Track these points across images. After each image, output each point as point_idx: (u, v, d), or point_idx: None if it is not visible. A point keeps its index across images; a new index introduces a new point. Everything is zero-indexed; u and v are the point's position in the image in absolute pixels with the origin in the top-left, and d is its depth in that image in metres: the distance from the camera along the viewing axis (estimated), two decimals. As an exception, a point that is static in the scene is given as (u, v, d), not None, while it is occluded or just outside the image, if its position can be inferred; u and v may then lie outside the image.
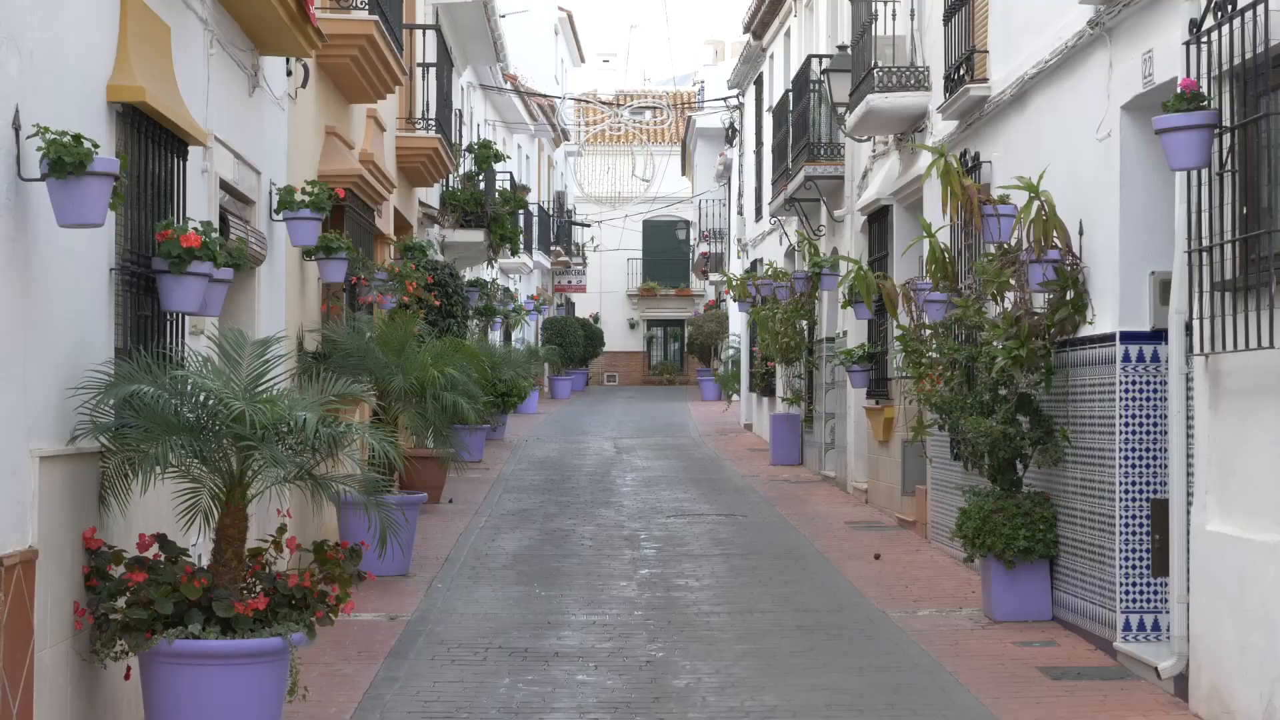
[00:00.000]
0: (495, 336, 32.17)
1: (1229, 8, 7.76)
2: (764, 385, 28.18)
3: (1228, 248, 7.87)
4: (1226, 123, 7.85)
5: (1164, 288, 9.31)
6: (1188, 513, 8.49)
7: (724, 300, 42.23)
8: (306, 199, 11.26)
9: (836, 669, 9.41)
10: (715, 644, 10.19)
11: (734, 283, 26.85)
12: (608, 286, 55.69)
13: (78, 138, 6.19)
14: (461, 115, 26.41)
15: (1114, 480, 9.64)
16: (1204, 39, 8.00)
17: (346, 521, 12.62)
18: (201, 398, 7.10)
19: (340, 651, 9.75)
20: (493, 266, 30.18)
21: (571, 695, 8.76)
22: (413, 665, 9.50)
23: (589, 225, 51.73)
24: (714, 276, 44.31)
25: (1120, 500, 9.59)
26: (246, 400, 6.98)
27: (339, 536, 12.72)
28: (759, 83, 30.10)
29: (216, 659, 6.85)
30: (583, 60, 56.06)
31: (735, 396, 35.27)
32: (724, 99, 36.18)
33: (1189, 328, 8.39)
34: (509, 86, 34.29)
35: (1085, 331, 10.27)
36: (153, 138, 7.93)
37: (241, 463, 7.21)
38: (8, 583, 5.93)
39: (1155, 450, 9.53)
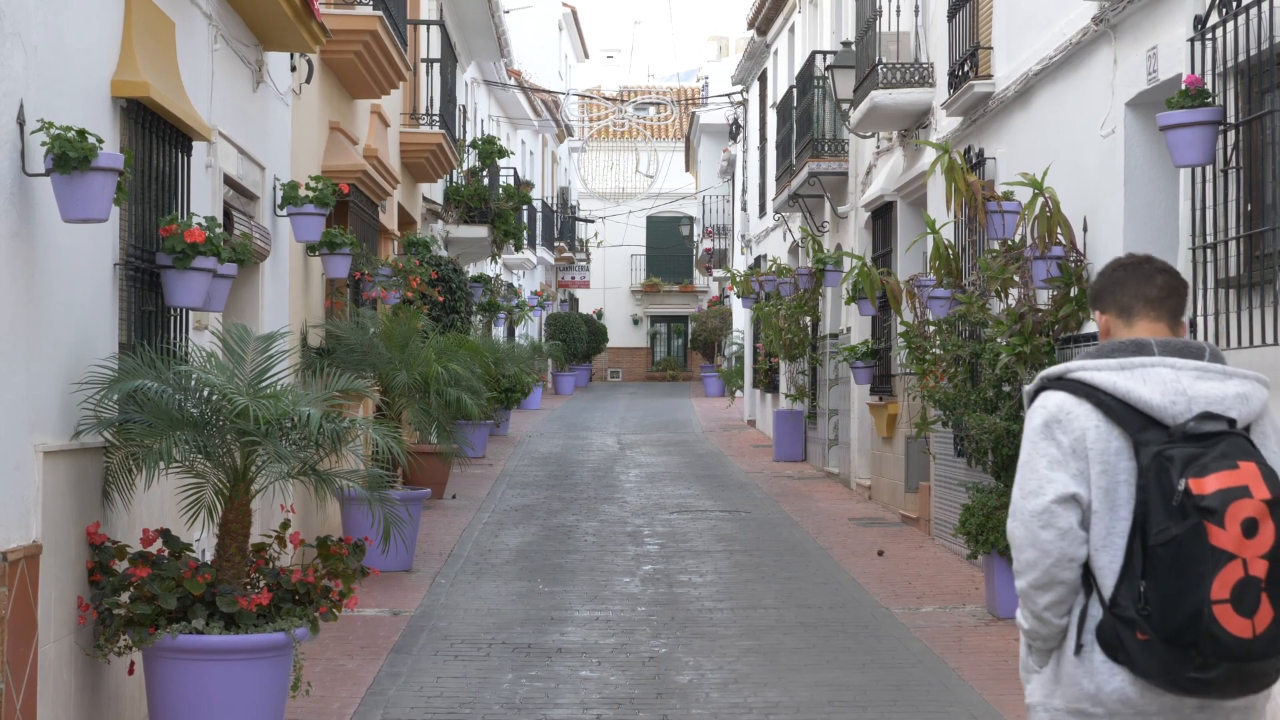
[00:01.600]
0: (499, 332, 32.18)
1: (1233, 4, 7.75)
2: (767, 381, 28.18)
3: (1232, 245, 7.86)
4: (1231, 119, 7.85)
5: (1168, 284, 9.29)
6: (1191, 510, 8.47)
7: (727, 296, 42.25)
8: (310, 194, 11.27)
9: (839, 665, 9.41)
10: (718, 640, 10.19)
11: (737, 279, 26.86)
12: (611, 282, 55.69)
13: (82, 133, 6.19)
14: (465, 111, 26.42)
15: (1118, 477, 9.62)
16: (1208, 36, 8.00)
17: (350, 517, 12.62)
18: (205, 393, 7.11)
19: (344, 647, 9.76)
20: (496, 262, 30.20)
21: (574, 691, 8.76)
22: (416, 661, 9.50)
23: (592, 221, 51.74)
24: (717, 272, 44.31)
25: (1124, 497, 9.56)
26: (250, 396, 6.98)
27: (342, 532, 12.73)
28: (763, 79, 30.09)
29: (220, 654, 6.86)
30: (586, 56, 56.08)
31: (738, 393, 35.26)
32: (728, 95, 36.19)
33: (1193, 325, 8.39)
34: (513, 82, 34.30)
35: (1089, 328, 10.26)
36: (157, 133, 7.94)
37: (245, 458, 7.22)
38: (11, 577, 5.93)
39: (1159, 447, 9.51)
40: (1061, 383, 3.82)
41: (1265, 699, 3.82)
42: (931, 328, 12.51)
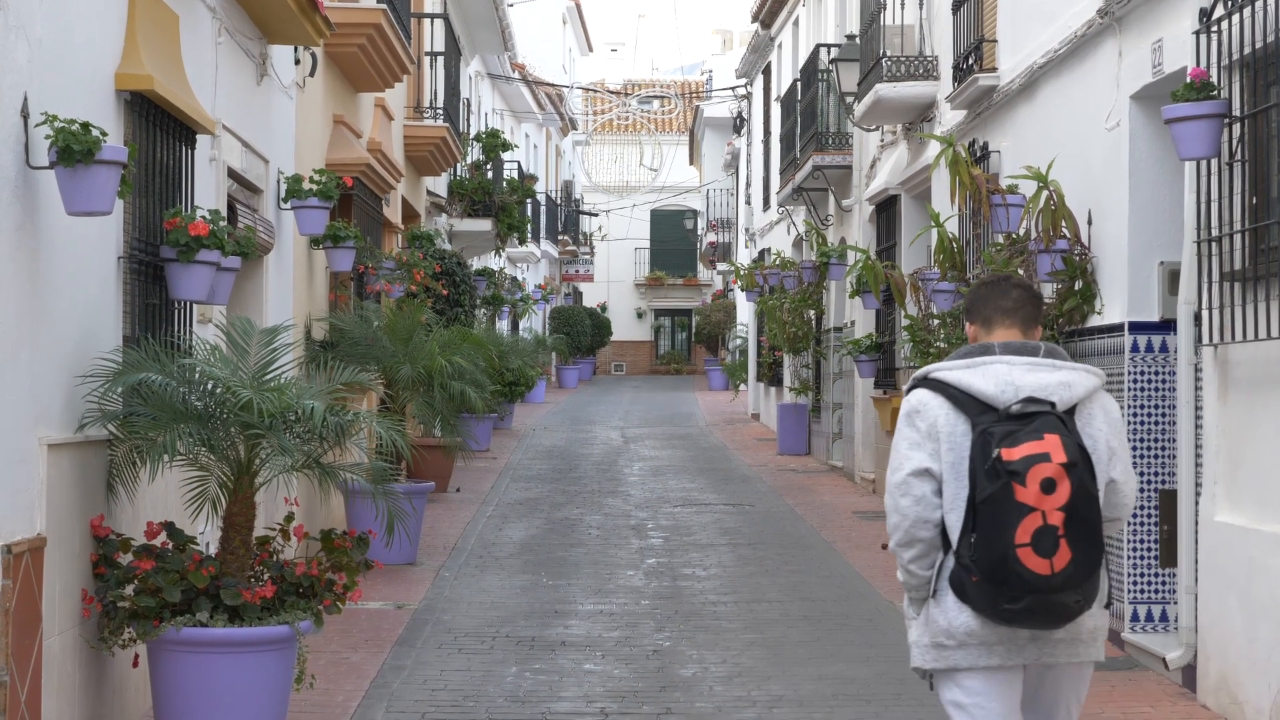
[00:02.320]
0: (503, 326, 32.17)
1: (1239, -3, 7.74)
2: (771, 375, 28.17)
3: (1237, 238, 7.85)
4: (1236, 112, 7.83)
5: (1173, 278, 9.30)
6: (1196, 503, 8.48)
7: (731, 290, 42.21)
8: (314, 188, 11.26)
9: (843, 659, 9.41)
10: (722, 633, 10.19)
11: (741, 272, 26.84)
12: (615, 276, 55.69)
13: (86, 126, 6.18)
14: (469, 104, 26.41)
15: (1122, 471, 9.61)
16: (1214, 28, 7.98)
17: (354, 510, 12.63)
18: (209, 386, 7.10)
19: (348, 640, 9.76)
20: (500, 255, 30.20)
21: (578, 684, 8.76)
22: (420, 654, 9.50)
23: (596, 214, 51.72)
24: (721, 266, 44.32)
25: (1128, 491, 9.55)
26: (254, 388, 6.97)
27: (346, 525, 12.73)
28: (767, 72, 30.06)
29: (224, 647, 6.86)
30: (591, 49, 56.02)
31: (742, 386, 35.25)
32: (732, 88, 36.16)
33: (1198, 318, 8.38)
34: (517, 76, 34.27)
35: (1094, 322, 10.25)
36: (161, 126, 7.93)
37: (249, 451, 7.21)
38: (16, 570, 5.93)
39: (1164, 441, 9.51)
40: (925, 381, 4.83)
41: (1094, 635, 4.75)
42: (936, 321, 12.50)
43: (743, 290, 27.59)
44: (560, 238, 46.50)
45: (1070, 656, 4.74)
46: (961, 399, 4.71)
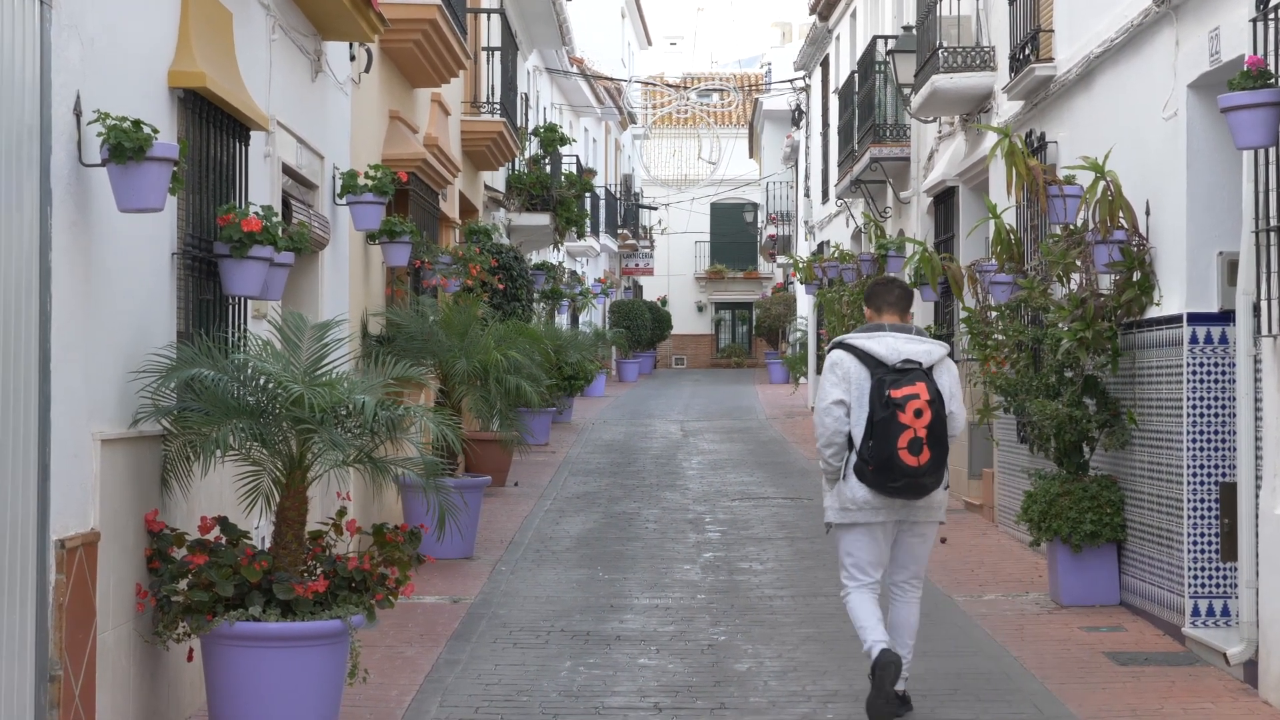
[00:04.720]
0: (563, 319, 32.21)
1: (1298, -17, 7.63)
2: (831, 368, 28.01)
3: (1296, 227, 7.74)
4: (1295, 100, 7.72)
5: (1232, 268, 9.18)
6: (1256, 496, 8.38)
7: (791, 283, 42.10)
8: (369, 183, 11.30)
9: (899, 653, 9.33)
10: (778, 628, 10.16)
11: (801, 265, 26.73)
12: (675, 269, 55.65)
13: (137, 123, 6.22)
14: (527, 99, 26.44)
15: (1181, 463, 9.53)
16: (1271, 16, 7.88)
17: (409, 504, 12.67)
18: (261, 381, 7.13)
19: (403, 634, 9.79)
20: (559, 250, 30.24)
21: (632, 678, 8.75)
22: (475, 648, 9.52)
23: (656, 208, 51.70)
24: (781, 259, 44.18)
25: (1188, 484, 9.47)
26: (305, 384, 7.00)
27: (401, 519, 12.78)
28: (825, 64, 29.96)
29: (277, 641, 6.89)
30: (649, 43, 56.00)
31: (802, 379, 35.14)
32: (790, 81, 36.07)
33: (1257, 309, 8.27)
34: (575, 70, 34.30)
35: (1152, 313, 10.15)
36: (214, 123, 7.97)
37: (301, 446, 7.23)
38: (69, 564, 5.98)
39: (1223, 433, 9.41)
40: (841, 345, 7.67)
41: (940, 505, 7.80)
42: (993, 313, 12.41)
43: (802, 283, 27.47)
44: (620, 231, 46.51)
45: (926, 517, 7.75)
46: (865, 357, 7.53)
